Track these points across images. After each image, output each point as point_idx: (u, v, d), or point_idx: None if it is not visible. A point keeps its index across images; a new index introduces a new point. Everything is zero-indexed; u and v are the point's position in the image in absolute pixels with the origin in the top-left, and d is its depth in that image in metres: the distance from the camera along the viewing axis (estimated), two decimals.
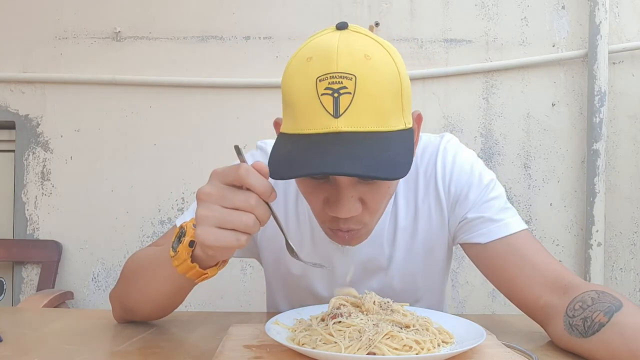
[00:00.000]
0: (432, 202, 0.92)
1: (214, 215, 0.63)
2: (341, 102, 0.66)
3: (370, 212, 0.76)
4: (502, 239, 0.86)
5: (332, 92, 0.66)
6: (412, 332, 0.66)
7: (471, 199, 0.89)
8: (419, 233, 0.93)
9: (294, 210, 0.96)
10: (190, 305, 1.83)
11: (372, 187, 0.74)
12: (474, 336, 0.69)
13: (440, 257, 0.97)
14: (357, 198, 0.73)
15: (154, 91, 1.91)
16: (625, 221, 1.89)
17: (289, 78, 0.72)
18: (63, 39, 1.92)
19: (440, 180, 0.91)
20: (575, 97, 1.89)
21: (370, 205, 0.75)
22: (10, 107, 1.92)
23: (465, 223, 0.90)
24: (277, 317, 0.78)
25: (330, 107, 0.66)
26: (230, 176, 0.63)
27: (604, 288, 0.75)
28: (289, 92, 0.71)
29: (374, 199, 0.75)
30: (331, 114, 0.66)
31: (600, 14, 1.81)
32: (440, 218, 0.92)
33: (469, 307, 1.90)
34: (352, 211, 0.72)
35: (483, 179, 0.91)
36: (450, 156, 0.92)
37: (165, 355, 0.71)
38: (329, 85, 0.66)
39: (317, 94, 0.67)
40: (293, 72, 0.71)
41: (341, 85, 0.66)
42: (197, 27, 1.92)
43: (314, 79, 0.67)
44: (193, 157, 1.91)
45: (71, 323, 0.91)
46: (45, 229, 1.91)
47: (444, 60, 1.89)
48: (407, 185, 0.93)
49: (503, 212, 0.88)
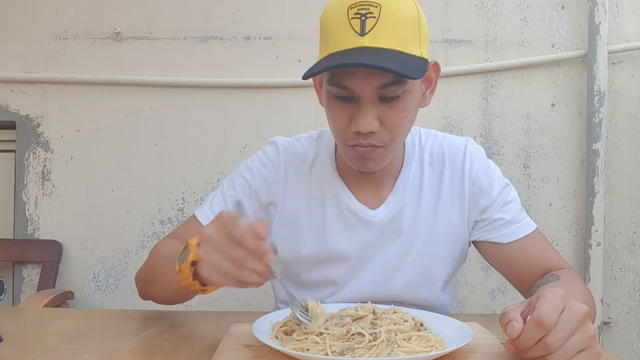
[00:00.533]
0: (455, 194, 1.02)
1: (212, 262, 0.67)
2: (367, 24, 0.79)
3: (388, 132, 0.86)
4: (520, 240, 0.98)
5: (360, 16, 0.80)
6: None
7: (494, 195, 1.00)
8: (439, 218, 1.01)
9: (307, 185, 1.03)
10: (190, 305, 1.83)
11: (390, 108, 0.85)
12: (463, 336, 0.69)
13: (457, 247, 1.03)
14: (376, 115, 0.84)
15: (154, 91, 1.91)
16: (624, 221, 1.89)
17: (327, 10, 0.86)
18: (63, 39, 1.92)
19: (467, 175, 1.01)
20: (574, 97, 1.89)
21: (388, 125, 0.86)
22: (11, 107, 1.92)
23: (489, 222, 1.00)
24: (267, 316, 0.79)
25: (358, 27, 0.79)
26: (228, 231, 0.66)
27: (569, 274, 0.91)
28: (326, 19, 0.85)
29: (392, 119, 0.85)
30: (358, 32, 0.79)
31: (599, 14, 1.81)
32: (460, 209, 1.01)
33: (468, 307, 1.90)
34: (372, 126, 0.84)
35: (503, 180, 1.03)
36: (477, 156, 1.04)
37: (165, 355, 0.72)
38: (358, 11, 0.80)
39: (347, 18, 0.81)
40: (331, 5, 0.86)
41: (368, 11, 0.80)
42: (197, 27, 1.92)
43: (346, 7, 0.81)
44: (193, 157, 1.91)
45: (71, 323, 0.91)
46: (46, 229, 1.91)
47: (443, 61, 1.89)
48: (434, 173, 1.03)
49: (520, 214, 1.01)
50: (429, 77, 0.94)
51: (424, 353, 0.64)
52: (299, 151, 1.06)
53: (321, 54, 0.86)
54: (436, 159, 1.03)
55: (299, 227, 1.02)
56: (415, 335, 0.69)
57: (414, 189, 1.01)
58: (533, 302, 0.63)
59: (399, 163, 1.03)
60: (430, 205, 1.01)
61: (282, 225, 1.03)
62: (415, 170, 1.03)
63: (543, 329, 0.58)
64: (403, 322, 0.72)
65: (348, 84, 0.83)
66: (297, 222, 1.02)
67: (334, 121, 0.89)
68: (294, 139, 1.09)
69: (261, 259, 0.65)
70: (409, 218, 1.00)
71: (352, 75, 0.82)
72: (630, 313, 1.90)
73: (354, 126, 0.85)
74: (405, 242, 1.00)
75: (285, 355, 0.65)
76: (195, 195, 1.90)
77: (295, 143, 1.08)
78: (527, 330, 0.60)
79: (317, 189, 1.02)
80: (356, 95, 0.84)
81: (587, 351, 0.59)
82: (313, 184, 1.03)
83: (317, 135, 1.09)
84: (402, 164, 1.03)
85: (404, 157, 1.03)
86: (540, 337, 0.59)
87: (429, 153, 1.04)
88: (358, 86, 0.82)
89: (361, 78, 0.81)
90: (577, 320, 0.59)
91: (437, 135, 1.08)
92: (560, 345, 0.58)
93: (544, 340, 0.59)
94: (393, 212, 1.00)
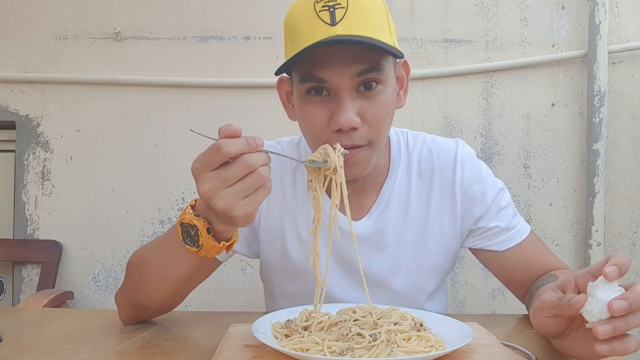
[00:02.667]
0: (445, 203, 0.97)
1: (232, 195, 0.64)
2: (337, 14, 0.77)
3: (370, 127, 0.82)
4: (516, 246, 0.96)
5: (328, 8, 0.77)
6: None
7: (488, 203, 0.97)
8: (430, 230, 0.97)
9: (292, 192, 0.99)
10: (190, 305, 1.83)
11: (370, 101, 0.82)
12: (463, 336, 0.69)
13: (448, 258, 1.00)
14: (356, 110, 0.80)
15: (154, 91, 1.91)
16: (624, 221, 1.89)
17: (290, 11, 0.84)
18: (63, 39, 1.92)
19: (458, 183, 0.97)
20: (574, 97, 1.89)
21: (370, 119, 0.82)
22: (11, 107, 1.92)
23: (484, 231, 0.97)
24: (266, 316, 0.79)
25: (328, 18, 0.77)
26: (216, 161, 0.64)
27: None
28: (290, 20, 0.83)
29: (374, 113, 0.82)
30: (329, 23, 0.77)
31: (599, 14, 1.81)
32: (451, 219, 0.97)
33: (468, 307, 1.90)
34: (353, 121, 0.80)
35: (496, 185, 0.99)
36: (469, 161, 0.99)
37: (165, 355, 0.72)
38: (326, 3, 0.78)
39: (315, 12, 0.78)
40: (294, 6, 0.83)
41: (336, 2, 0.77)
42: (197, 27, 1.92)
43: (311, 3, 0.79)
44: (193, 157, 1.89)
45: (71, 323, 0.91)
46: (46, 229, 1.91)
47: (443, 61, 1.90)
48: (423, 182, 0.98)
49: (514, 219, 0.98)
50: (400, 77, 0.92)
51: (424, 353, 0.64)
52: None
53: (290, 51, 0.82)
54: (425, 167, 0.98)
55: (282, 234, 0.98)
56: (415, 335, 0.68)
57: (400, 199, 0.96)
58: (570, 282, 0.65)
59: (383, 170, 0.98)
60: (420, 217, 0.96)
61: (267, 230, 1.00)
62: (401, 178, 0.97)
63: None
64: (402, 320, 0.72)
65: (324, 75, 0.79)
66: (281, 228, 0.98)
67: (311, 123, 0.84)
68: (275, 142, 1.05)
69: (258, 147, 0.64)
70: (395, 230, 0.96)
71: (327, 66, 0.79)
72: None
73: (334, 124, 0.80)
74: (391, 256, 0.96)
75: (285, 356, 0.65)
76: (195, 195, 1.89)
77: (277, 147, 1.04)
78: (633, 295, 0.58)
79: (301, 195, 0.98)
80: (333, 88, 0.80)
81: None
82: (297, 190, 0.99)
83: (299, 139, 1.04)
84: (388, 172, 0.98)
85: (389, 163, 0.98)
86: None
87: (417, 160, 0.99)
88: (335, 76, 0.79)
89: (337, 67, 0.78)
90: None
91: (426, 139, 1.02)
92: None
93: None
94: (377, 225, 0.95)
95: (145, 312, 0.89)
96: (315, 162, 0.73)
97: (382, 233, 0.95)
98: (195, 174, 0.66)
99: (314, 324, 0.72)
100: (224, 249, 0.72)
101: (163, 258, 0.81)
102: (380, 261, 0.96)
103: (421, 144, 1.01)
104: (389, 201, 0.96)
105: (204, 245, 0.70)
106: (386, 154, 0.98)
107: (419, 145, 1.01)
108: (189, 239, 0.71)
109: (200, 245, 0.70)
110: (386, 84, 0.83)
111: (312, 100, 0.83)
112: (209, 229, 0.69)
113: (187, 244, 0.71)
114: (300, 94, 0.85)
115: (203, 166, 0.65)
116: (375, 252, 0.96)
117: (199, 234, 0.69)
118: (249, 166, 0.63)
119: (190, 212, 0.70)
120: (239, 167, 0.63)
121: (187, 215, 0.70)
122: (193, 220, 0.69)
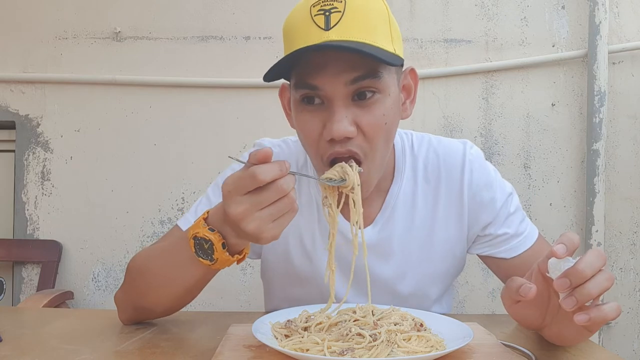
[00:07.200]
0: (452, 208, 0.94)
1: (263, 218, 0.64)
2: (332, 19, 0.75)
3: (366, 138, 0.79)
4: (524, 253, 0.92)
5: (324, 12, 0.76)
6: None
7: (497, 209, 0.93)
8: (436, 236, 0.94)
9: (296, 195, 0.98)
10: (190, 305, 1.82)
11: (365, 110, 0.78)
12: (463, 336, 0.69)
13: (454, 263, 0.98)
14: (351, 119, 0.77)
15: (154, 91, 1.91)
16: (624, 221, 1.89)
17: (289, 15, 0.83)
18: (63, 39, 1.92)
19: (466, 188, 0.94)
20: (575, 97, 1.89)
21: (365, 128, 0.78)
22: (11, 107, 1.92)
23: (492, 238, 0.94)
24: (266, 316, 0.79)
25: (322, 23, 0.75)
26: (250, 186, 0.64)
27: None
28: (288, 22, 0.82)
29: (368, 123, 0.78)
30: (322, 28, 0.75)
31: (600, 14, 1.81)
32: (458, 224, 0.94)
33: (468, 307, 1.90)
34: (346, 130, 0.76)
35: (505, 189, 0.96)
36: (477, 165, 0.95)
37: (165, 355, 0.72)
38: (321, 7, 0.76)
39: (311, 16, 0.76)
40: (294, 10, 0.82)
41: (332, 6, 0.76)
42: (197, 27, 1.92)
43: (308, 6, 0.78)
44: (193, 157, 1.91)
45: (71, 323, 0.91)
46: (45, 229, 1.91)
47: (443, 61, 1.90)
48: (429, 187, 0.95)
49: (522, 224, 0.94)
50: (407, 85, 0.88)
51: (424, 353, 0.64)
52: (287, 155, 0.99)
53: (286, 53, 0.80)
54: (431, 171, 0.95)
55: (285, 238, 0.96)
56: (415, 335, 0.68)
57: (406, 205, 0.94)
58: (535, 269, 0.67)
59: (388, 175, 0.94)
60: (426, 223, 0.94)
61: None
62: (407, 184, 0.94)
63: (602, 257, 0.60)
64: (402, 320, 0.72)
65: (316, 82, 0.77)
66: (285, 233, 0.93)
67: (305, 132, 0.82)
68: (280, 141, 1.03)
69: (287, 172, 0.64)
70: (401, 238, 0.93)
71: (319, 72, 0.76)
72: (631, 313, 1.90)
73: (327, 133, 0.77)
74: (397, 263, 0.94)
75: (285, 356, 0.65)
76: (195, 195, 1.90)
77: (283, 146, 1.01)
78: (589, 259, 0.60)
79: (306, 199, 0.96)
80: (326, 96, 0.78)
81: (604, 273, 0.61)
82: (302, 193, 0.96)
83: None
84: (392, 178, 0.95)
85: (394, 168, 0.95)
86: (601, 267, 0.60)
87: (423, 163, 0.95)
88: (327, 83, 0.76)
89: (330, 74, 0.76)
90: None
91: (432, 141, 0.98)
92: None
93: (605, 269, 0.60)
94: (382, 234, 0.93)
95: (147, 314, 0.88)
96: (333, 180, 0.74)
97: (388, 241, 0.93)
98: (226, 196, 0.65)
99: (314, 324, 0.72)
100: (236, 261, 0.72)
101: (171, 266, 0.79)
102: (386, 268, 0.94)
103: (427, 147, 0.97)
104: (394, 208, 0.93)
105: (218, 260, 0.70)
106: (391, 158, 0.95)
107: (425, 147, 0.97)
108: (202, 252, 0.70)
109: (214, 259, 0.70)
110: (385, 93, 0.79)
111: (305, 108, 0.81)
112: (224, 243, 0.69)
113: (200, 257, 0.71)
114: (295, 101, 0.82)
115: (235, 189, 0.64)
116: (380, 259, 0.94)
117: (213, 249, 0.69)
118: (283, 191, 0.64)
119: (204, 226, 0.69)
120: (273, 193, 0.64)
121: (201, 230, 0.69)
122: (208, 234, 0.69)
